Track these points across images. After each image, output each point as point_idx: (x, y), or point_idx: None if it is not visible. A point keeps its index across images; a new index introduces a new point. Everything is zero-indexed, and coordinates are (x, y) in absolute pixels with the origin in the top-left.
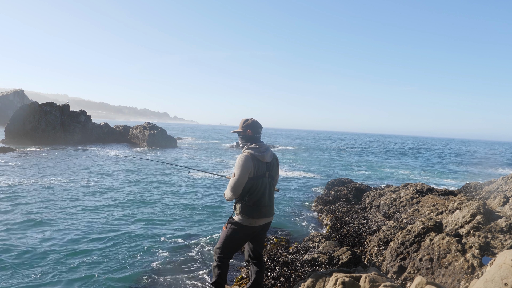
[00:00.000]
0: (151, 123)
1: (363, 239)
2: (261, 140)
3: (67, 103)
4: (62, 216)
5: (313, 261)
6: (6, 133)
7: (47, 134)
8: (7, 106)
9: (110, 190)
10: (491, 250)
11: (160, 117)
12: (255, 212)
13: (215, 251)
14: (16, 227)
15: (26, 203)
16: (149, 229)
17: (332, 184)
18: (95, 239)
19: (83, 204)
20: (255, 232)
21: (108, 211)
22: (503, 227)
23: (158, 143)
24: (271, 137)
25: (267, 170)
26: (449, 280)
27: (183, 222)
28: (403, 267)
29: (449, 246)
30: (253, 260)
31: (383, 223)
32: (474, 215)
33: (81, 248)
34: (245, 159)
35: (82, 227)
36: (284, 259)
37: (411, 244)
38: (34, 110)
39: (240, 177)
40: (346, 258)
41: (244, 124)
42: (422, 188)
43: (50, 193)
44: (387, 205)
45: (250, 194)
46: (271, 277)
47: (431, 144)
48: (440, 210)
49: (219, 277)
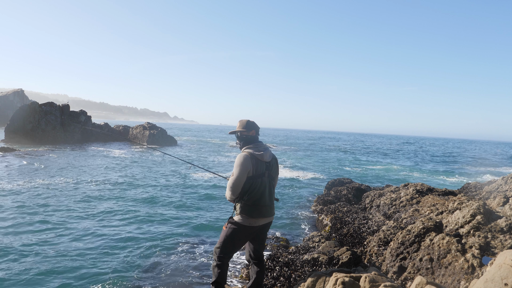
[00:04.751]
0: (151, 123)
1: (363, 239)
2: (260, 140)
3: (67, 103)
4: (62, 216)
5: (313, 261)
6: (6, 133)
7: (47, 134)
8: (7, 106)
9: (110, 189)
10: (491, 250)
11: (160, 117)
12: (255, 212)
13: (215, 250)
14: (17, 227)
15: (27, 203)
16: (149, 228)
17: (332, 184)
18: (95, 239)
19: (83, 204)
20: (255, 232)
21: (108, 211)
22: (503, 227)
23: (158, 143)
24: (271, 137)
25: (266, 170)
26: (449, 280)
27: (183, 221)
28: (403, 267)
29: (449, 246)
30: (254, 261)
31: (383, 223)
32: (474, 215)
33: (81, 248)
34: (244, 159)
35: (83, 227)
36: (284, 259)
37: (411, 244)
38: (34, 110)
39: (238, 176)
40: (346, 258)
41: (240, 125)
42: (422, 188)
43: (50, 193)
44: (387, 205)
45: (250, 194)
46: (271, 277)
47: (431, 144)
48: (440, 210)
49: (218, 277)
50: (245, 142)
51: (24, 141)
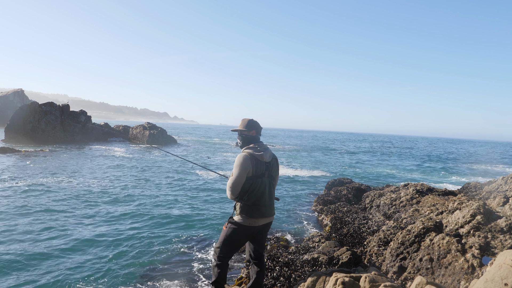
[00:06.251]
0: (151, 123)
1: (363, 239)
2: (261, 140)
3: (67, 103)
4: (62, 216)
5: (313, 261)
6: (6, 133)
7: (47, 134)
8: (7, 106)
9: (110, 189)
10: (491, 250)
11: (160, 117)
12: (254, 212)
13: (215, 250)
14: (17, 227)
15: (27, 203)
16: (149, 228)
17: (332, 184)
18: (95, 239)
19: (83, 204)
20: (255, 232)
21: (108, 211)
22: (503, 227)
23: (158, 143)
24: (271, 137)
25: (266, 170)
26: (449, 280)
27: (183, 221)
28: (403, 267)
29: (449, 246)
30: (254, 261)
31: (383, 223)
32: (474, 215)
33: (81, 248)
34: (243, 159)
35: (83, 227)
36: (284, 259)
37: (411, 244)
38: (34, 110)
39: (238, 176)
40: (346, 258)
41: (242, 125)
42: (422, 188)
43: (50, 193)
44: (387, 205)
45: (249, 194)
46: (271, 277)
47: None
48: (440, 210)
49: (218, 277)
50: (246, 141)
51: (24, 141)
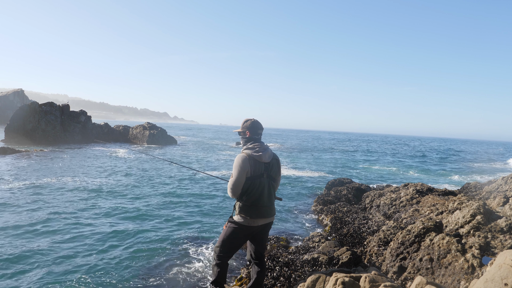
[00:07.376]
0: (151, 123)
1: (363, 239)
2: (261, 140)
3: (67, 103)
4: (62, 216)
5: (313, 261)
6: (6, 133)
7: (47, 134)
8: (7, 106)
9: (110, 190)
10: (491, 250)
11: (160, 117)
12: (253, 212)
13: (215, 250)
14: (17, 227)
15: (27, 203)
16: (148, 228)
17: (332, 184)
18: (94, 239)
19: (83, 204)
20: (255, 232)
21: (108, 211)
22: (503, 227)
23: (158, 143)
24: (270, 137)
25: (265, 171)
26: (449, 280)
27: (183, 221)
28: (403, 267)
29: (449, 246)
30: (255, 261)
31: (383, 223)
32: (474, 215)
33: (81, 248)
34: (241, 160)
35: (82, 227)
36: (284, 259)
37: (411, 244)
38: (34, 110)
39: (237, 177)
40: (346, 258)
41: (243, 125)
42: (422, 188)
43: (51, 193)
44: (387, 205)
45: (248, 194)
46: (271, 277)
47: (431, 144)
48: (440, 210)
49: (218, 276)
50: (246, 142)
51: (24, 141)
